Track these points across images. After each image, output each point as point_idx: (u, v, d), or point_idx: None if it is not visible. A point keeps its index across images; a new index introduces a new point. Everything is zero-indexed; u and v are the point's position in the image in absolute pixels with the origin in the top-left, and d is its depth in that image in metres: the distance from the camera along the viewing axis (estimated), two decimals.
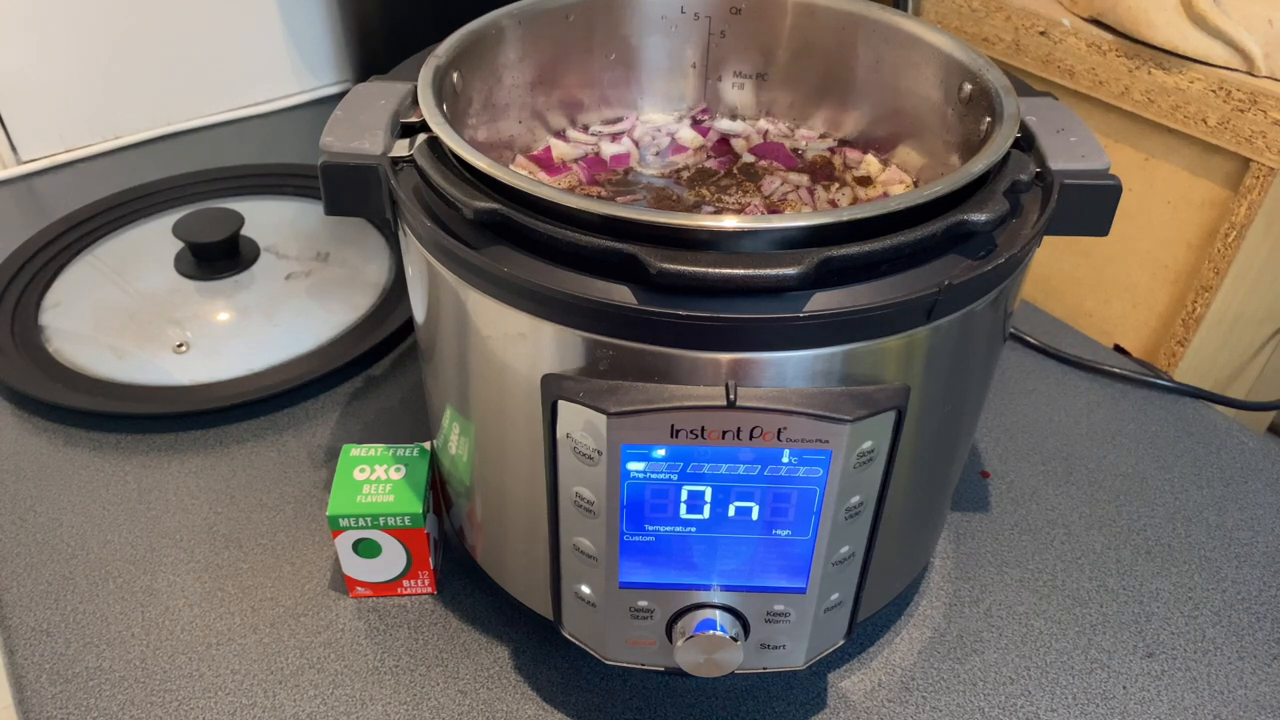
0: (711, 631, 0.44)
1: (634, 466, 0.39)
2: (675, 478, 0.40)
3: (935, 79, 0.51)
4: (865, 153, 0.57)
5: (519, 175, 0.38)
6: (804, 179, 0.55)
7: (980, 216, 0.38)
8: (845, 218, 0.36)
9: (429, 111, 0.42)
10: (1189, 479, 0.67)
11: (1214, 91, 0.69)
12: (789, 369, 0.38)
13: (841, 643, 0.49)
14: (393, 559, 0.54)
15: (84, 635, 0.54)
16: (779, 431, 0.38)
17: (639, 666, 0.48)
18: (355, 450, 0.55)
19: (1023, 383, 0.75)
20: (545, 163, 0.56)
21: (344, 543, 0.53)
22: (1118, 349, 0.82)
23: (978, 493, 0.65)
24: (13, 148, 0.98)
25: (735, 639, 0.44)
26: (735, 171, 0.56)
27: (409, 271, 0.47)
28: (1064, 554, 0.61)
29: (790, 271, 0.35)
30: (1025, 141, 0.45)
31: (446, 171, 0.41)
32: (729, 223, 0.36)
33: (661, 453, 0.39)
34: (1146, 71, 0.72)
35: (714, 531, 0.42)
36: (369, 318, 0.77)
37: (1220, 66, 0.69)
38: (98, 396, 0.68)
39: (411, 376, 0.73)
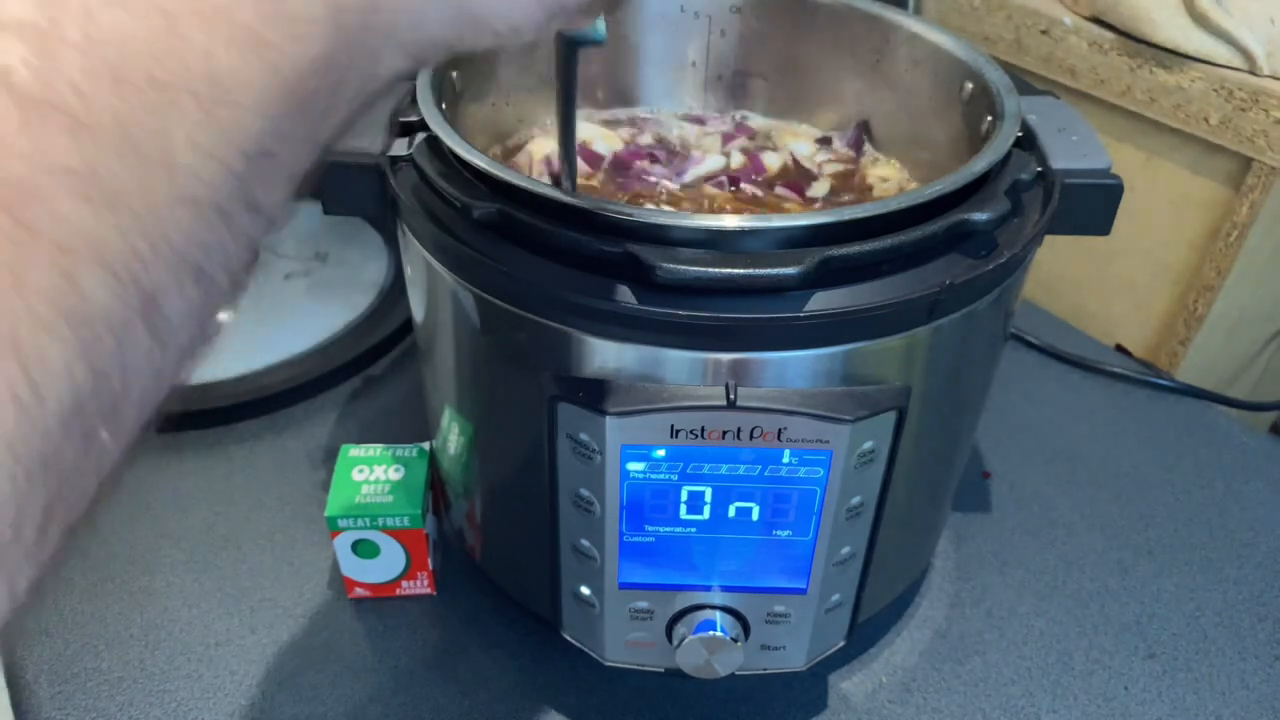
0: (711, 633, 0.44)
1: (634, 466, 0.39)
2: (675, 478, 0.40)
3: (936, 78, 0.51)
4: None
5: (519, 175, 0.38)
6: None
7: (981, 216, 0.38)
8: (846, 217, 0.36)
9: (427, 110, 0.42)
10: (1191, 479, 0.67)
11: (1216, 90, 0.69)
12: (789, 369, 0.37)
13: (842, 643, 0.49)
14: (391, 559, 0.54)
15: (82, 636, 0.54)
16: (779, 432, 0.38)
17: (639, 668, 0.48)
18: (354, 450, 0.55)
19: (1024, 383, 0.74)
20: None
21: (343, 543, 0.53)
22: (1119, 349, 0.82)
23: (979, 493, 0.65)
24: None
25: (735, 640, 0.44)
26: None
27: (408, 271, 0.47)
28: (1065, 554, 0.61)
29: (790, 271, 0.35)
30: (1026, 140, 0.45)
31: (446, 171, 0.41)
32: (729, 222, 0.36)
33: (661, 453, 0.39)
34: (1148, 70, 0.72)
35: (714, 532, 0.42)
36: (367, 317, 0.77)
37: (1222, 65, 0.69)
38: None
39: (410, 376, 0.73)
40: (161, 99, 0.15)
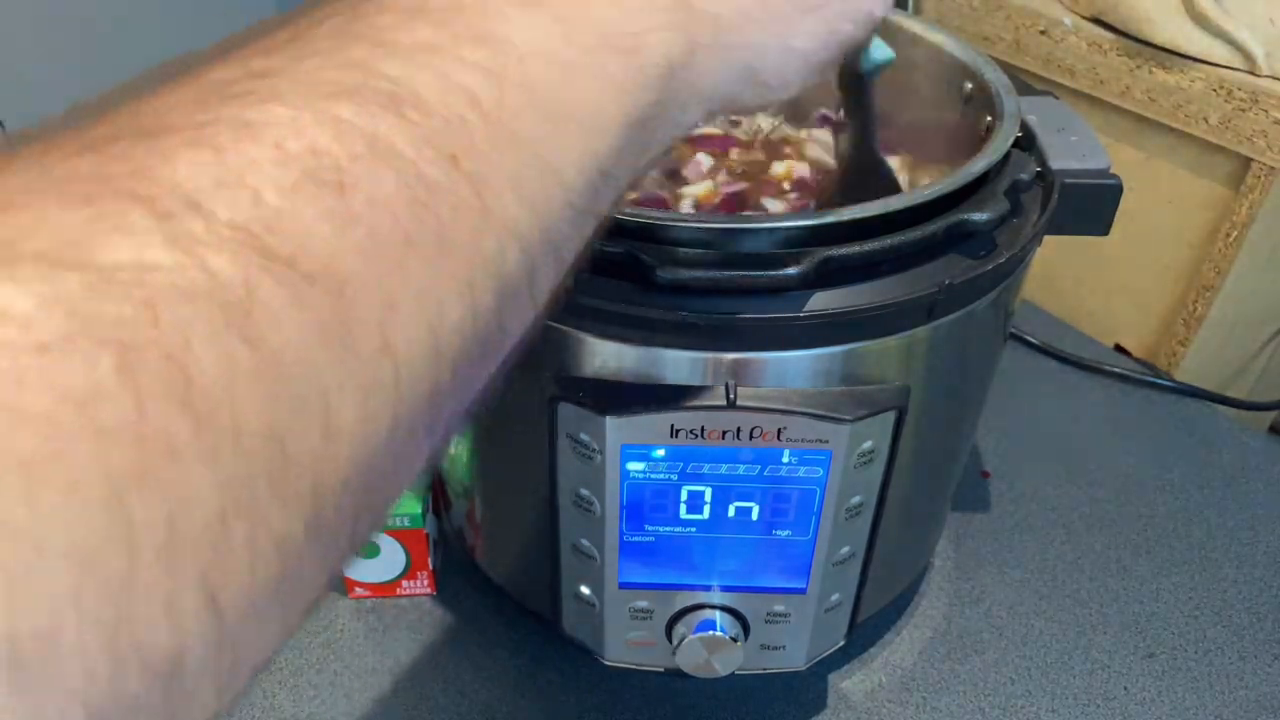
0: (711, 632, 0.44)
1: (634, 466, 0.39)
2: (675, 478, 0.40)
3: (936, 78, 0.51)
4: None
5: None
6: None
7: (981, 216, 0.38)
8: (845, 217, 0.36)
9: None
10: (1190, 479, 0.67)
11: (1215, 91, 0.69)
12: (789, 369, 0.37)
13: (841, 643, 0.49)
14: (392, 559, 0.54)
15: None
16: (779, 431, 0.38)
17: (639, 667, 0.48)
18: None
19: (1023, 383, 0.74)
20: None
21: None
22: (1118, 349, 0.82)
23: (978, 493, 0.65)
24: None
25: (735, 639, 0.44)
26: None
27: None
28: (1064, 554, 0.61)
29: (790, 271, 0.35)
30: (1026, 140, 0.45)
31: None
32: (729, 222, 0.36)
33: (661, 453, 0.39)
34: (1147, 71, 0.72)
35: (714, 532, 0.42)
36: None
37: (1221, 65, 0.69)
38: None
39: None
40: (562, 129, 0.21)
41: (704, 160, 0.55)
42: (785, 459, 0.39)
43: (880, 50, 0.39)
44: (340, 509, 0.17)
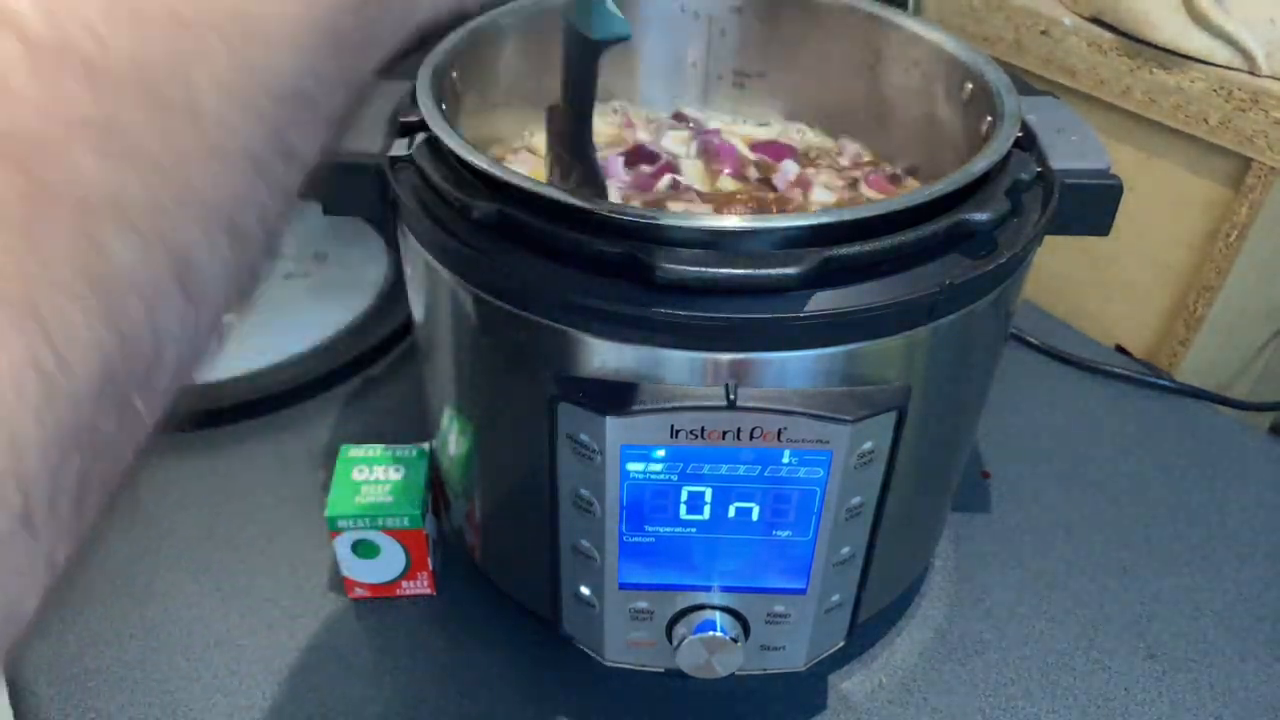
0: (711, 633, 0.44)
1: (634, 467, 0.39)
2: (675, 478, 0.40)
3: (936, 78, 0.51)
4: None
5: (519, 175, 0.38)
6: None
7: (981, 216, 0.38)
8: (846, 217, 0.36)
9: (428, 110, 0.42)
10: (1190, 479, 0.67)
11: (1215, 91, 0.69)
12: (789, 369, 0.37)
13: (842, 644, 0.49)
14: (391, 560, 0.54)
15: (81, 636, 0.54)
16: (779, 432, 0.38)
17: (639, 668, 0.48)
18: (353, 451, 0.55)
19: (1023, 383, 0.74)
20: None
21: (342, 543, 0.53)
22: (1119, 349, 0.82)
23: (978, 493, 0.65)
24: None
25: (735, 640, 0.44)
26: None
27: (408, 271, 0.47)
28: (1065, 554, 0.61)
29: (791, 271, 0.35)
30: (1026, 141, 0.45)
31: (446, 171, 0.41)
32: (730, 222, 0.36)
33: (661, 453, 0.39)
34: (1148, 71, 0.72)
35: (714, 532, 0.42)
36: (367, 318, 0.76)
37: (1222, 66, 0.69)
38: None
39: (410, 376, 0.73)
40: (184, 38, 0.14)
41: None
42: (785, 459, 0.39)
43: (618, 23, 0.32)
44: None
